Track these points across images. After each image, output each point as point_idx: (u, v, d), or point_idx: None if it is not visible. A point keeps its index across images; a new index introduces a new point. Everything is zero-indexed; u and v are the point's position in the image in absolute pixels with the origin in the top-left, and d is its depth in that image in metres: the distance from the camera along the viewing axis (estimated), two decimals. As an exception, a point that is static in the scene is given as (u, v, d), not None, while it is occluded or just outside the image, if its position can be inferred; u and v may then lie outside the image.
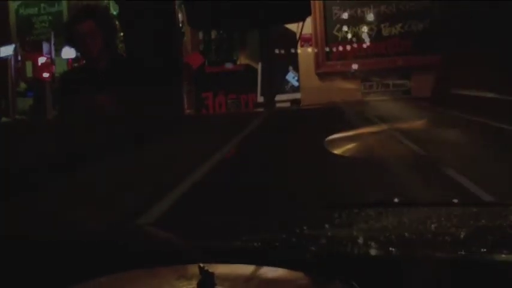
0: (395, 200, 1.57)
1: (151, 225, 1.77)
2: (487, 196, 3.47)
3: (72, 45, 4.11)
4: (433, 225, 1.12)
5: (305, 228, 1.12)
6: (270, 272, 0.81)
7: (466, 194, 3.64)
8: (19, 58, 11.60)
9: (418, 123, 6.95)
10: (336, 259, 0.89)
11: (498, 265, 0.84)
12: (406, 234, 1.08)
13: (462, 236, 1.03)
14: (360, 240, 1.03)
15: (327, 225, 1.15)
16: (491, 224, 1.16)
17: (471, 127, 6.63)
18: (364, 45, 12.16)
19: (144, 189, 3.73)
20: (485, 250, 0.90)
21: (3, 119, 10.34)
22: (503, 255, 0.88)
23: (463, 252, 0.91)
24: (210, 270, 0.77)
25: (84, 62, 4.61)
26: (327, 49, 12.23)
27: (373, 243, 0.99)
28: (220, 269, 0.80)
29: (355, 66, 11.99)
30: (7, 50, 11.12)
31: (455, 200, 2.05)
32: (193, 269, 0.79)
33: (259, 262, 0.84)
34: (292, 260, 0.86)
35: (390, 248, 0.98)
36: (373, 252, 0.94)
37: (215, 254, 0.91)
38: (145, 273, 0.83)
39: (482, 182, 3.68)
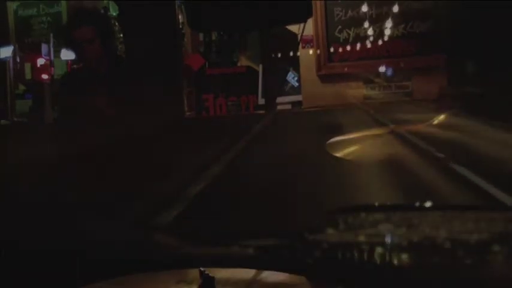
0: (404, 204, 1.51)
1: (152, 231, 1.70)
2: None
3: (70, 49, 4.10)
4: (442, 230, 1.10)
5: (309, 232, 1.11)
6: (271, 276, 0.80)
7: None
8: (18, 60, 11.59)
9: (421, 126, 6.91)
10: (339, 264, 0.88)
11: (510, 272, 0.81)
12: (414, 239, 1.05)
13: (473, 242, 1.00)
14: (365, 246, 1.02)
15: (331, 230, 1.14)
16: (506, 229, 1.12)
17: (474, 128, 6.60)
18: (366, 47, 12.13)
19: (146, 193, 3.69)
20: (497, 257, 0.88)
21: (2, 121, 10.31)
22: None
23: (473, 259, 0.89)
24: (211, 275, 0.77)
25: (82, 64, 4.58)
26: (329, 50, 12.19)
27: (379, 248, 0.97)
28: (221, 273, 0.80)
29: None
30: (6, 52, 11.09)
31: (468, 204, 2.02)
32: (194, 273, 0.79)
33: (261, 266, 0.83)
34: (294, 264, 0.85)
35: (398, 254, 0.96)
36: (378, 258, 0.92)
37: (216, 258, 0.91)
38: (145, 278, 0.83)
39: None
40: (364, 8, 12.00)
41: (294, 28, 11.59)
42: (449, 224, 1.15)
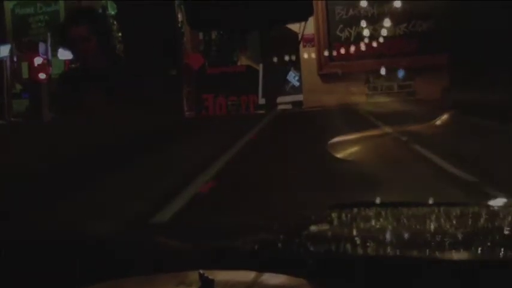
0: (395, 200, 1.61)
1: (152, 230, 1.67)
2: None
3: (67, 48, 4.13)
4: (432, 226, 1.14)
5: (306, 228, 1.14)
6: (271, 278, 0.81)
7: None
8: (15, 59, 11.54)
9: (423, 127, 6.92)
10: (336, 260, 0.90)
11: (497, 266, 0.84)
12: (406, 234, 1.10)
13: (461, 236, 1.04)
14: (359, 242, 1.04)
15: (327, 226, 1.17)
16: (491, 224, 1.17)
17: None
18: (368, 46, 12.07)
19: (145, 193, 3.69)
20: (484, 251, 0.91)
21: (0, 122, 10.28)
22: (502, 256, 0.89)
23: (462, 253, 0.93)
24: (210, 277, 0.77)
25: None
26: (330, 50, 12.17)
27: (372, 244, 1.00)
28: (221, 276, 0.80)
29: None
30: (3, 51, 11.03)
31: (455, 201, 2.09)
32: (193, 275, 0.80)
33: (260, 266, 0.83)
34: (293, 262, 0.86)
35: (389, 249, 1.00)
36: (372, 253, 0.95)
37: (215, 256, 0.91)
38: (145, 280, 0.84)
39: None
40: (366, 7, 11.99)
41: (294, 27, 11.53)
42: (438, 219, 1.19)
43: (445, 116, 7.86)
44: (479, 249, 0.93)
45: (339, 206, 1.34)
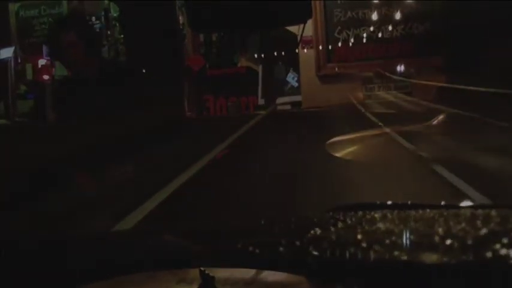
0: (402, 202, 1.52)
1: (152, 228, 1.67)
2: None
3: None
4: (440, 229, 1.06)
5: (308, 230, 1.07)
6: (270, 275, 0.79)
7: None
8: (19, 60, 11.61)
9: (420, 127, 6.94)
10: (339, 263, 0.86)
11: (508, 270, 0.80)
12: (413, 237, 1.03)
13: (471, 239, 0.96)
14: (364, 244, 0.97)
15: (330, 228, 1.10)
16: (501, 227, 1.10)
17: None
18: (365, 48, 12.18)
19: (145, 193, 3.70)
20: (494, 255, 0.85)
21: (3, 121, 10.29)
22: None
23: (471, 257, 0.87)
24: (211, 274, 0.76)
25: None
26: (328, 51, 12.24)
27: (377, 247, 0.93)
28: (221, 273, 0.79)
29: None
30: (7, 52, 11.06)
31: (465, 203, 1.99)
32: (194, 273, 0.78)
33: (261, 265, 0.81)
34: (294, 263, 0.84)
35: (395, 252, 0.92)
36: (377, 256, 0.89)
37: (215, 257, 0.89)
38: (145, 277, 0.82)
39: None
40: (364, 10, 12.08)
41: (293, 29, 11.62)
42: (446, 222, 1.12)
43: (441, 117, 7.88)
44: (490, 253, 0.87)
45: (342, 207, 1.31)
